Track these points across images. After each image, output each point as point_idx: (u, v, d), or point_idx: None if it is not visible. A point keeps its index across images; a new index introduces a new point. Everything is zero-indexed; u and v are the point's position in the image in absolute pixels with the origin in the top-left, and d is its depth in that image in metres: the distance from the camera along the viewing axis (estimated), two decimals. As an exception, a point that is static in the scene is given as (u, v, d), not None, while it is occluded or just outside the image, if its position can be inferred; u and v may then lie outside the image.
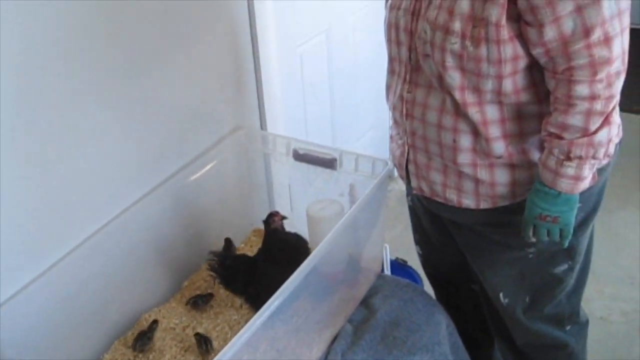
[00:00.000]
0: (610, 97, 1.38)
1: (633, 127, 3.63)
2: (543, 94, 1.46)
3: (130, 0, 1.67)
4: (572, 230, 1.49)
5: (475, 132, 1.50)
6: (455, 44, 1.41)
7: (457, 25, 1.40)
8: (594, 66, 1.34)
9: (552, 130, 1.41)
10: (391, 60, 1.64)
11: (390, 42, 1.60)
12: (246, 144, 2.12)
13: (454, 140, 1.52)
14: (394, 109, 1.65)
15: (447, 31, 1.41)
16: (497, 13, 1.35)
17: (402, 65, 1.58)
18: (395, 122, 1.68)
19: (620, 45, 1.35)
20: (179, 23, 1.84)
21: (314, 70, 2.64)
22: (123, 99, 1.72)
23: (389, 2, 1.60)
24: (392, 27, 1.57)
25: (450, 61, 1.44)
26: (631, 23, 1.39)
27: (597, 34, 1.31)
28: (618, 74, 1.37)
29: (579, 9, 1.30)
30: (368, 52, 2.91)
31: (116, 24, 1.65)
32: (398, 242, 2.51)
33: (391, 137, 1.77)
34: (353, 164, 1.94)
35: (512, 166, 1.52)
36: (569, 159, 1.41)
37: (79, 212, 1.65)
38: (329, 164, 1.97)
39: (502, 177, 1.53)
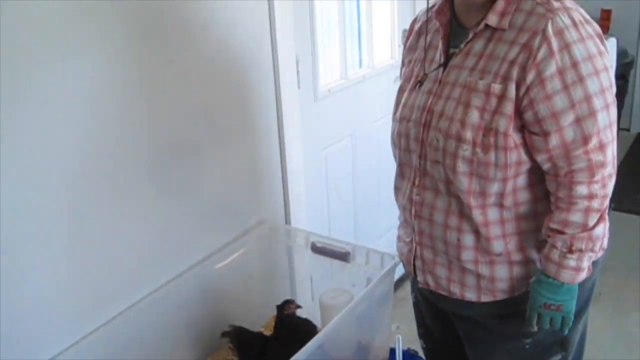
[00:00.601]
0: (604, 196, 1.52)
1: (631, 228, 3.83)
2: (537, 194, 1.59)
3: (173, 96, 1.90)
4: (572, 318, 1.58)
5: (477, 232, 1.60)
6: (466, 150, 1.53)
7: (468, 134, 1.53)
8: (592, 169, 1.49)
9: (555, 227, 1.53)
10: (401, 165, 1.77)
11: (400, 150, 1.73)
12: (270, 236, 2.29)
13: (458, 239, 1.63)
14: (403, 209, 1.76)
15: (459, 139, 1.54)
16: (505, 124, 1.50)
17: (412, 171, 1.70)
18: (405, 221, 1.78)
19: (612, 152, 1.51)
20: (218, 121, 2.07)
21: (338, 170, 2.82)
22: (160, 189, 1.91)
23: (397, 114, 1.74)
24: (402, 136, 1.70)
25: (461, 166, 1.56)
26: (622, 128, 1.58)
27: (593, 142, 1.47)
28: (610, 176, 1.52)
29: (578, 120, 1.46)
30: (390, 155, 3.11)
31: (156, 119, 1.87)
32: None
33: (399, 236, 1.87)
34: (364, 258, 2.12)
35: (510, 263, 1.62)
36: (570, 251, 1.52)
37: (113, 290, 1.81)
38: (343, 256, 2.13)
39: (501, 272, 1.63)
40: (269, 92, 2.29)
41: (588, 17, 1.52)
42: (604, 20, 5.32)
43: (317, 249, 2.19)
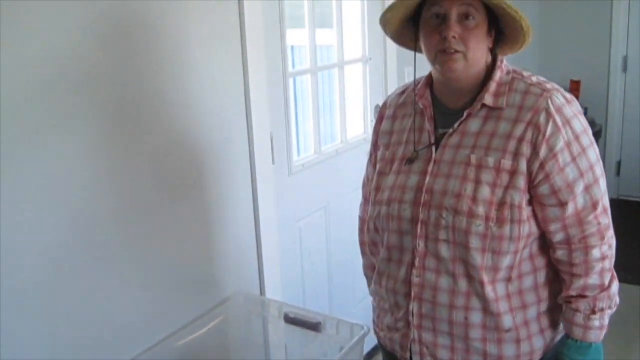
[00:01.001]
0: (612, 256, 1.63)
1: (626, 296, 3.87)
2: (537, 265, 1.65)
3: (148, 173, 2.00)
4: None
5: (485, 309, 1.61)
6: (480, 225, 1.57)
7: (481, 210, 1.57)
8: (601, 232, 1.60)
9: (574, 293, 1.61)
10: (388, 248, 1.73)
11: (389, 232, 1.71)
12: (245, 307, 2.36)
13: (466, 318, 1.62)
14: (394, 293, 1.73)
15: (471, 215, 1.57)
16: (519, 197, 1.57)
17: (406, 253, 1.68)
18: (396, 305, 1.74)
19: (610, 215, 1.63)
20: (194, 196, 2.17)
21: (312, 241, 2.90)
22: (137, 261, 2.00)
23: (382, 197, 1.73)
24: (392, 219, 1.69)
25: (474, 242, 1.58)
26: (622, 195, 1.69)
27: (600, 206, 1.59)
28: (613, 236, 1.64)
29: (587, 188, 1.58)
30: (364, 226, 3.21)
31: (132, 195, 1.97)
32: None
33: (384, 326, 1.81)
34: (335, 328, 2.18)
35: (517, 340, 1.64)
36: (594, 312, 1.60)
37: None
38: (314, 327, 2.20)
39: (509, 351, 1.64)
40: (243, 168, 2.40)
41: (572, 96, 1.65)
42: (574, 91, 5.52)
43: (289, 320, 2.26)
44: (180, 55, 2.08)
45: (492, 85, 1.63)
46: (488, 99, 1.62)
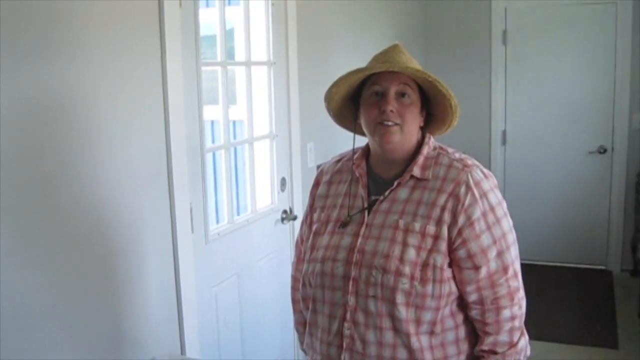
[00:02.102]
0: (522, 315, 1.81)
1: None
2: (458, 322, 1.80)
3: (71, 245, 2.18)
4: None
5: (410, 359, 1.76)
6: (405, 284, 1.71)
7: (407, 269, 1.72)
8: (511, 294, 1.77)
9: (487, 348, 1.78)
10: (314, 301, 1.88)
11: (317, 287, 1.85)
12: (168, 367, 2.53)
13: None
14: (327, 345, 1.84)
15: (398, 274, 1.72)
16: (441, 260, 1.73)
17: (338, 307, 1.80)
18: (328, 357, 1.84)
19: (520, 278, 1.81)
20: (118, 265, 2.33)
21: (226, 305, 3.06)
22: (67, 328, 2.12)
23: (316, 255, 1.87)
24: (325, 275, 1.83)
25: (399, 298, 1.72)
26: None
27: (510, 271, 1.76)
28: (523, 297, 1.81)
29: (499, 254, 1.75)
30: (275, 290, 3.41)
31: (52, 266, 2.13)
32: None
33: None
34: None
35: None
36: None
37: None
38: None
39: None
40: (166, 237, 2.57)
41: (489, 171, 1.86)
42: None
43: (212, 377, 2.43)
44: (105, 132, 2.25)
45: (420, 159, 1.82)
46: (416, 170, 1.81)
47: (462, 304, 1.81)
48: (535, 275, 5.75)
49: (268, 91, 3.39)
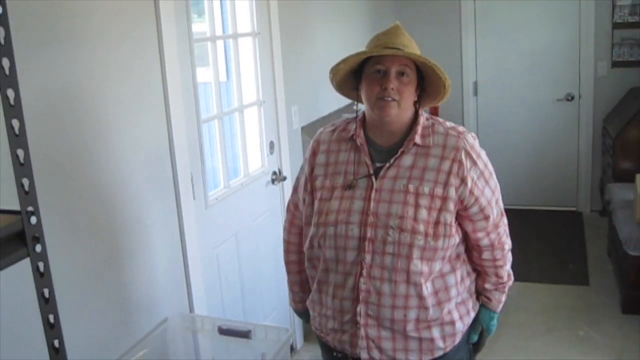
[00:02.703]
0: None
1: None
2: (455, 267, 2.06)
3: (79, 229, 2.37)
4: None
5: (419, 306, 1.98)
6: (420, 240, 1.93)
7: (421, 227, 1.94)
8: (506, 230, 2.16)
9: (501, 280, 2.17)
10: (327, 261, 2.06)
11: (331, 248, 2.03)
12: (182, 324, 2.72)
13: (405, 315, 1.98)
14: (341, 299, 2.04)
15: (414, 232, 1.93)
16: (450, 217, 1.97)
17: (352, 265, 2.00)
18: (341, 310, 2.04)
19: None
20: (130, 233, 2.55)
21: (227, 264, 3.28)
22: (85, 292, 2.32)
23: (328, 219, 2.03)
24: (338, 237, 2.01)
25: (416, 253, 1.94)
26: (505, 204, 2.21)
27: (503, 213, 2.13)
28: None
29: (497, 201, 2.08)
30: (269, 248, 3.64)
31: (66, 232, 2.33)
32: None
33: (329, 329, 2.11)
34: (264, 334, 2.60)
35: (441, 324, 2.03)
36: (503, 293, 2.20)
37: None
38: (245, 335, 2.59)
39: (436, 332, 2.03)
40: (171, 205, 2.77)
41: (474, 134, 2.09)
42: (433, 115, 6.16)
43: (223, 331, 2.63)
44: (111, 115, 2.42)
45: (419, 129, 2.02)
46: (417, 139, 2.00)
47: (457, 251, 2.07)
48: (509, 219, 5.99)
49: (254, 60, 3.56)
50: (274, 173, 3.77)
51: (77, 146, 2.24)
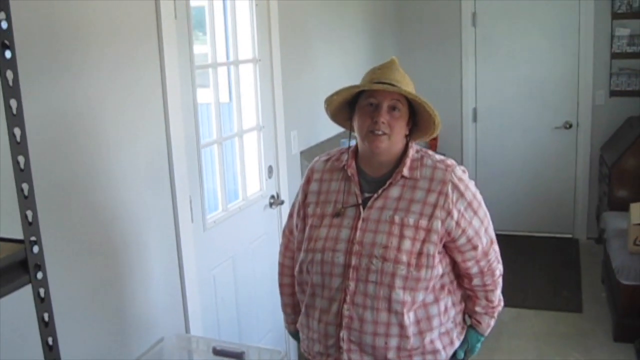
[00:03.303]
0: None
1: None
2: (438, 297, 2.09)
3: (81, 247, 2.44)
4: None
5: (400, 335, 2.03)
6: (403, 270, 1.99)
7: (404, 258, 1.99)
8: (497, 256, 2.21)
9: (491, 304, 2.23)
10: (314, 286, 2.12)
11: (317, 274, 2.10)
12: (178, 344, 2.77)
13: (386, 343, 2.03)
14: (325, 324, 2.10)
15: (397, 262, 1.99)
16: (433, 249, 2.01)
17: (336, 291, 2.06)
18: (326, 335, 2.11)
19: None
20: (130, 254, 2.61)
21: (223, 286, 3.34)
22: (85, 312, 2.38)
23: (316, 245, 2.11)
24: (325, 264, 2.08)
25: (398, 283, 1.99)
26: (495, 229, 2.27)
27: (494, 239, 2.18)
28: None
29: (486, 230, 2.13)
30: (266, 270, 3.69)
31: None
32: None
33: (315, 353, 2.18)
34: (257, 355, 2.65)
35: (423, 354, 2.08)
36: (493, 317, 2.27)
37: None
38: (239, 356, 2.64)
39: None
40: (169, 227, 2.84)
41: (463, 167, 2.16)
42: (432, 140, 6.17)
43: (217, 352, 2.69)
44: (111, 136, 2.48)
45: (408, 161, 2.08)
46: (405, 171, 2.07)
47: (444, 283, 2.12)
48: (505, 245, 6.01)
49: (254, 86, 3.64)
50: (272, 197, 3.84)
51: (77, 169, 2.30)
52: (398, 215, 2.04)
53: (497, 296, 2.25)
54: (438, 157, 2.14)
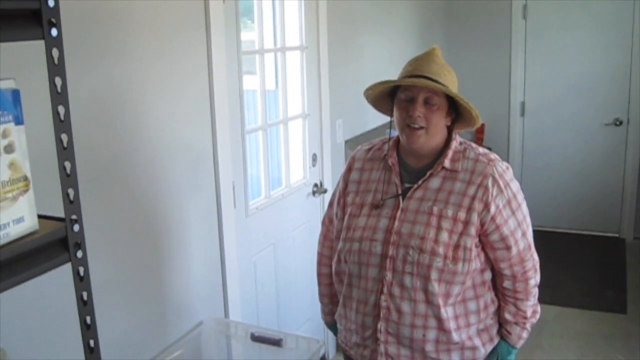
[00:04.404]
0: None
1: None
2: (478, 293, 2.06)
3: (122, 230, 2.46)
4: None
5: (439, 328, 2.00)
6: (439, 262, 1.96)
7: (441, 250, 1.96)
8: (535, 266, 2.12)
9: (521, 313, 2.12)
10: (351, 276, 2.12)
11: (354, 264, 2.09)
12: (216, 329, 2.79)
13: (424, 335, 2.01)
14: (363, 315, 2.09)
15: (433, 254, 1.96)
16: (470, 242, 1.98)
17: (374, 282, 2.04)
18: (363, 326, 2.09)
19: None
20: (171, 235, 2.63)
21: (264, 273, 3.35)
22: (125, 294, 2.42)
23: (354, 235, 2.10)
24: (362, 253, 2.07)
25: (434, 275, 1.96)
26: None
27: (532, 247, 2.10)
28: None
29: (524, 234, 2.06)
30: (306, 259, 3.69)
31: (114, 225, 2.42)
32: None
33: (353, 344, 2.17)
34: (295, 343, 2.65)
35: (462, 349, 2.05)
36: (525, 329, 2.16)
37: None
38: (277, 343, 2.64)
39: (456, 356, 2.06)
40: (212, 212, 2.85)
41: (508, 164, 2.11)
42: (479, 133, 6.18)
43: (255, 338, 2.70)
44: (157, 121, 2.50)
45: (450, 153, 2.05)
46: (447, 163, 2.04)
47: (483, 278, 2.09)
48: (550, 242, 6.02)
49: (301, 73, 3.63)
50: (315, 185, 3.84)
51: (119, 151, 2.32)
52: (437, 206, 2.02)
53: (529, 307, 2.15)
54: (482, 150, 2.11)
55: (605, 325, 4.61)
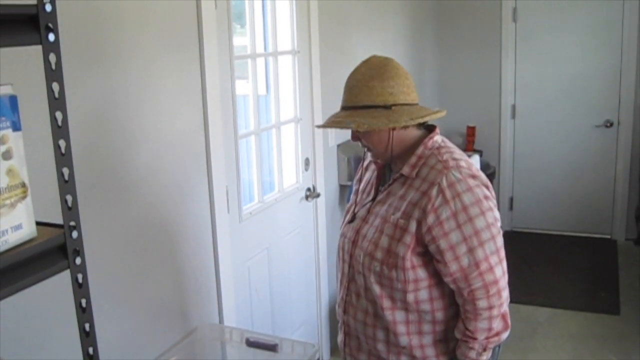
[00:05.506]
0: (501, 304, 1.94)
1: (521, 315, 4.52)
2: (435, 307, 1.99)
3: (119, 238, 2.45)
4: None
5: (388, 329, 2.02)
6: (377, 266, 1.98)
7: (379, 254, 1.98)
8: (486, 287, 1.90)
9: (468, 333, 1.94)
10: (337, 269, 2.28)
11: (339, 259, 2.23)
12: (211, 334, 2.79)
13: (374, 334, 2.07)
14: (338, 306, 2.25)
15: (372, 257, 2.00)
16: (404, 250, 1.93)
17: (344, 277, 2.16)
18: (338, 315, 2.24)
19: (501, 270, 1.93)
20: (163, 242, 2.61)
21: (258, 277, 3.35)
22: (119, 299, 2.39)
23: (341, 231, 2.22)
24: (340, 249, 2.21)
25: (372, 278, 2.00)
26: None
27: (484, 265, 1.89)
28: (504, 288, 1.95)
29: (470, 250, 1.88)
30: (300, 262, 3.69)
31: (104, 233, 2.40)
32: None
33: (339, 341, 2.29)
34: (290, 348, 2.65)
35: (412, 356, 2.03)
36: (485, 350, 1.96)
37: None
38: (272, 348, 2.64)
39: None
40: (205, 217, 2.84)
41: (477, 172, 1.96)
42: (470, 136, 6.21)
43: (250, 343, 2.69)
44: (150, 127, 2.50)
45: (413, 159, 1.99)
46: (405, 169, 2.00)
47: (443, 291, 2.00)
48: (542, 244, 6.03)
49: (293, 78, 3.63)
50: (308, 189, 3.83)
51: (115, 158, 2.31)
52: (388, 211, 2.03)
53: (480, 329, 1.95)
54: (447, 156, 1.98)
55: (598, 326, 4.62)
